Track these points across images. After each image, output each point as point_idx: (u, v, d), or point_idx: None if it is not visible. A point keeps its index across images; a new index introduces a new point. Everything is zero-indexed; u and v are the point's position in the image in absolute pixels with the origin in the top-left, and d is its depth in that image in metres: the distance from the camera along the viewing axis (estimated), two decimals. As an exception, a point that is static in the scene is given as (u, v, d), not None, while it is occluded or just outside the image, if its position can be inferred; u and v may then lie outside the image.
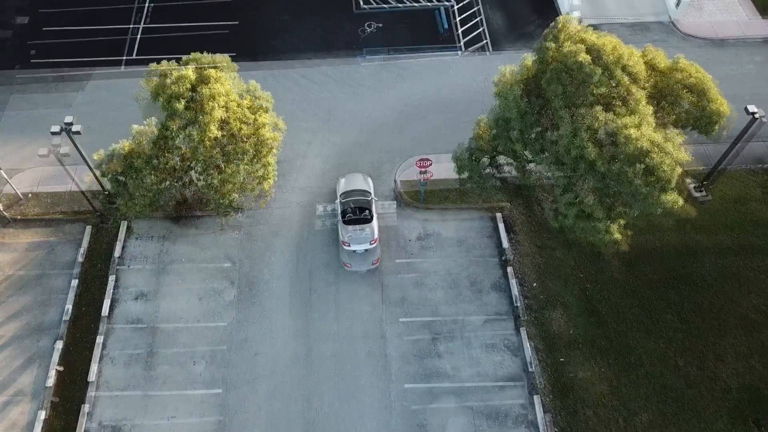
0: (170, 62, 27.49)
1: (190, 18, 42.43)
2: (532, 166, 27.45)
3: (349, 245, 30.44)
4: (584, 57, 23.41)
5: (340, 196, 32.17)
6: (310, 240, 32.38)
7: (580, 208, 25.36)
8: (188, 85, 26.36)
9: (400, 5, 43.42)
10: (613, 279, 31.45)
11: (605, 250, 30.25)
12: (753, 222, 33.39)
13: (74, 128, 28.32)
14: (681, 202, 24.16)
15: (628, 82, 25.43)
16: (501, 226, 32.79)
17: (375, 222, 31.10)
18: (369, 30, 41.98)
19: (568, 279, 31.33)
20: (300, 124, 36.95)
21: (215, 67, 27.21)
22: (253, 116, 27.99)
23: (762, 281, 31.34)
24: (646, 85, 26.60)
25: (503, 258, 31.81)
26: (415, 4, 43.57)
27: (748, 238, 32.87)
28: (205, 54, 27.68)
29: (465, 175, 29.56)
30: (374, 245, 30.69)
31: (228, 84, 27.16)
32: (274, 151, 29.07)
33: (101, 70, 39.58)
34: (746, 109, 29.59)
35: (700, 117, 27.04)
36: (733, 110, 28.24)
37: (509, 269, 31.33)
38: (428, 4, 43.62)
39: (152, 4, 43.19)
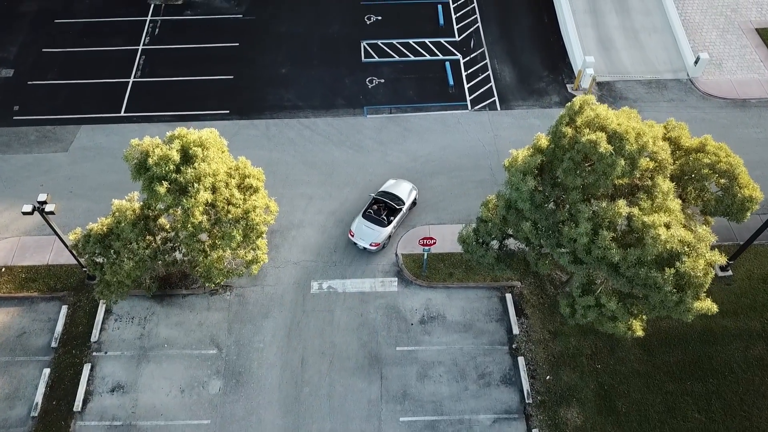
0: (154, 138, 25.27)
1: (183, 71, 40.44)
2: (546, 249, 24.98)
3: (353, 236, 31.54)
4: (606, 148, 21.09)
5: (377, 192, 32.82)
6: (303, 323, 29.88)
7: (601, 312, 22.89)
8: (172, 167, 24.09)
9: (405, 58, 41.38)
10: (634, 371, 28.83)
11: (624, 338, 27.75)
12: (784, 305, 30.84)
13: (48, 207, 26.03)
14: (716, 309, 21.66)
15: (652, 168, 23.08)
16: (511, 309, 30.29)
17: (387, 230, 31.57)
18: (374, 83, 39.91)
19: (584, 371, 28.72)
20: (298, 182, 34.79)
21: (202, 146, 24.92)
22: (242, 197, 25.66)
23: (796, 375, 28.71)
24: (671, 166, 24.23)
25: (513, 346, 29.25)
26: (421, 58, 41.53)
27: (779, 324, 30.30)
28: (191, 130, 25.44)
29: (471, 257, 27.10)
30: (374, 248, 31.33)
31: (216, 163, 24.90)
32: (264, 235, 26.71)
33: (88, 127, 37.46)
34: (779, 192, 27.16)
35: (731, 204, 24.61)
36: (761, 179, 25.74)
37: (520, 360, 28.76)
38: (435, 57, 41.55)
39: (144, 57, 41.23)
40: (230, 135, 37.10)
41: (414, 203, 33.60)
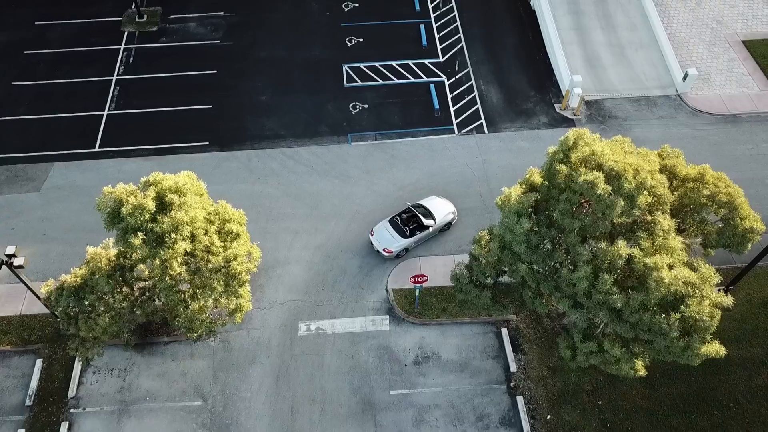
0: (128, 185, 23.91)
1: (160, 102, 39.04)
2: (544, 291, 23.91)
3: (372, 235, 31.65)
4: (604, 189, 20.09)
5: (415, 203, 32.75)
6: (292, 368, 28.58)
7: (604, 357, 21.89)
8: (147, 216, 22.76)
9: (389, 81, 40.30)
10: (636, 406, 27.86)
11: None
12: (786, 330, 30.04)
13: (17, 261, 24.56)
14: (724, 352, 20.73)
15: (650, 203, 22.14)
16: (507, 345, 29.22)
17: (405, 242, 31.29)
18: (357, 109, 38.78)
19: (585, 408, 27.69)
20: (283, 215, 33.60)
21: (178, 192, 23.60)
22: (222, 244, 24.36)
23: (802, 404, 27.89)
24: (670, 199, 23.31)
25: (512, 385, 28.17)
26: (405, 80, 40.47)
27: (781, 350, 29.50)
28: (167, 175, 24.11)
29: (465, 298, 26.01)
30: (386, 254, 31.23)
31: (194, 210, 23.58)
32: (247, 283, 25.43)
33: (61, 165, 35.94)
34: (779, 218, 26.38)
35: (732, 236, 23.77)
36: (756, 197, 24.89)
37: (519, 399, 27.68)
38: (419, 80, 40.52)
39: (118, 88, 39.78)
40: (210, 168, 35.87)
41: (448, 225, 32.81)
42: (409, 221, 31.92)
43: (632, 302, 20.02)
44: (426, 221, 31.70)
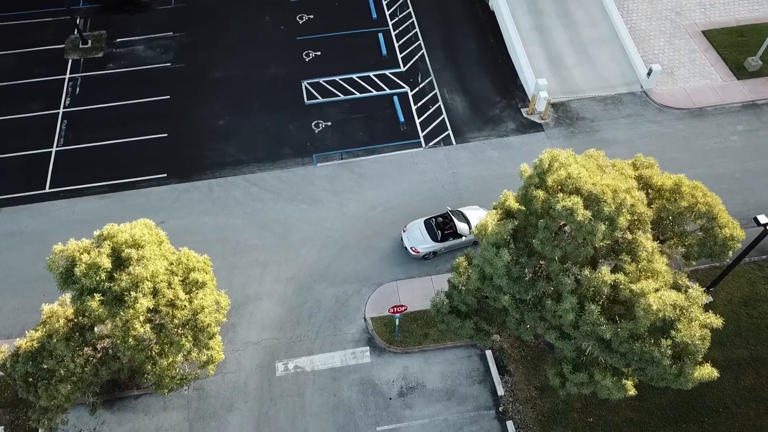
0: (81, 240, 22.24)
1: (112, 133, 37.10)
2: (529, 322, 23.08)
3: (404, 231, 31.71)
4: (584, 215, 19.29)
5: (456, 209, 32.32)
6: (272, 413, 27.34)
7: (595, 387, 21.20)
8: (103, 275, 21.19)
9: (350, 96, 39.02)
10: (627, 419, 27.39)
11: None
12: (767, 328, 29.88)
13: (-36, 331, 22.73)
14: (716, 374, 20.20)
15: (630, 220, 21.44)
16: (493, 368, 28.47)
17: (434, 246, 31.09)
18: (320, 127, 37.44)
19: (576, 428, 27.11)
20: (250, 247, 32.25)
21: (136, 245, 22.04)
22: (187, 297, 22.90)
23: (790, 403, 27.77)
24: (649, 214, 22.67)
25: (500, 409, 27.41)
26: (367, 94, 39.22)
27: (764, 349, 29.36)
28: (122, 226, 22.52)
29: (447, 329, 25.08)
30: (413, 253, 31.18)
31: (154, 263, 22.05)
32: (218, 334, 24.03)
33: (9, 210, 33.82)
34: (756, 220, 26.04)
35: (713, 245, 23.25)
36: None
37: (509, 424, 26.96)
38: (381, 92, 39.31)
39: (66, 121, 37.67)
40: (170, 201, 34.23)
41: None
42: (443, 225, 31.58)
43: (621, 332, 19.29)
44: (460, 229, 30.85)
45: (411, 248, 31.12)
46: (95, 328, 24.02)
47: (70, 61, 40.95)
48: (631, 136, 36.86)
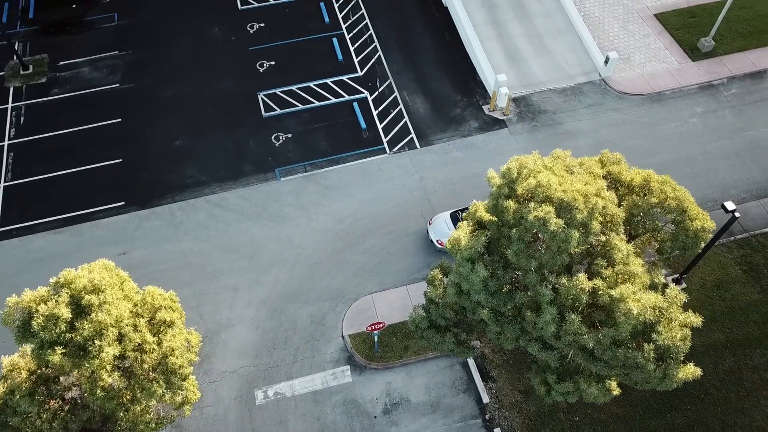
0: (37, 289, 21.05)
1: (63, 163, 35.50)
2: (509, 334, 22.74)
3: (430, 224, 31.78)
4: (557, 224, 18.94)
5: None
6: (256, 444, 26.59)
7: (581, 395, 21.00)
8: (63, 326, 20.07)
9: (309, 105, 38.08)
10: (613, 415, 27.40)
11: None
12: (741, 310, 30.26)
13: None
14: (699, 372, 20.16)
15: (604, 222, 21.23)
16: (476, 375, 28.16)
17: None
18: (281, 140, 36.46)
19: (564, 427, 27.02)
20: (219, 272, 31.26)
21: (96, 290, 20.93)
22: (155, 339, 21.90)
23: (768, 383, 28.17)
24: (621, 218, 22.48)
25: (487, 417, 27.14)
26: (326, 102, 38.34)
27: (740, 331, 29.70)
28: (80, 271, 21.37)
29: (428, 344, 24.61)
30: (439, 245, 31.07)
31: (118, 307, 20.99)
32: (191, 377, 23.08)
33: (-42, 254, 32.15)
34: (724, 207, 26.16)
35: (685, 238, 23.20)
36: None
37: (497, 432, 26.73)
38: (341, 99, 38.47)
39: (12, 154, 35.89)
40: (131, 231, 32.95)
41: None
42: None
43: (604, 339, 19.06)
44: None
45: (437, 241, 30.98)
46: (61, 378, 22.83)
47: (11, 88, 39.03)
48: (593, 126, 36.85)
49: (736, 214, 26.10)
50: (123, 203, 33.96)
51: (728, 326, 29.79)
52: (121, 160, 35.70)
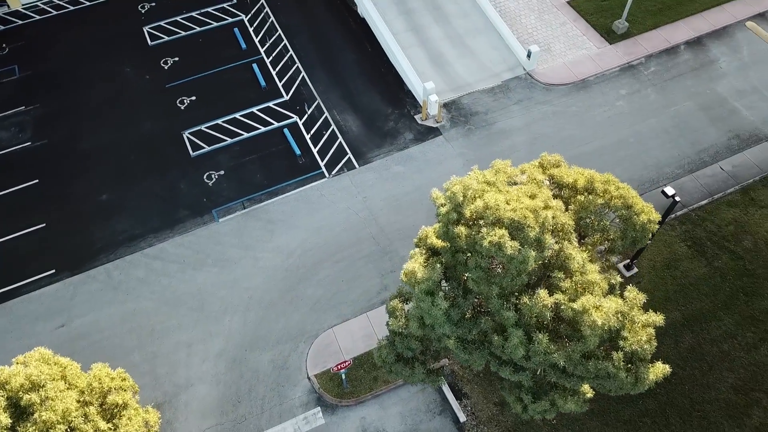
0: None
1: (-21, 238, 32.90)
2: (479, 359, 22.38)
3: None
4: (512, 247, 18.61)
5: None
6: (235, 508, 25.38)
7: (558, 410, 20.86)
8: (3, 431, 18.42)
9: (238, 137, 36.67)
10: (589, 412, 27.42)
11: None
12: (691, 285, 31.02)
13: None
14: (669, 369, 20.31)
15: (557, 231, 21.10)
16: (449, 395, 27.76)
17: None
18: (214, 178, 34.97)
19: (543, 433, 26.99)
20: (168, 329, 29.70)
21: (35, 387, 19.25)
22: (110, 424, 20.40)
23: (727, 354, 28.96)
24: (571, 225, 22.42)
25: (466, 437, 26.83)
26: (256, 132, 37.01)
27: (694, 306, 30.45)
28: (14, 368, 19.62)
29: (398, 377, 23.99)
30: None
31: (63, 400, 19.37)
32: (155, 457, 21.72)
33: None
34: (664, 193, 26.63)
35: (634, 233, 23.39)
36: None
37: (478, 450, 26.42)
38: (270, 126, 37.22)
39: None
40: (67, 299, 30.89)
41: None
42: None
43: (573, 355, 18.91)
44: None
45: None
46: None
47: None
48: (526, 121, 37.03)
49: (677, 198, 26.62)
50: (53, 271, 31.76)
51: (682, 303, 30.49)
52: (44, 225, 33.40)
